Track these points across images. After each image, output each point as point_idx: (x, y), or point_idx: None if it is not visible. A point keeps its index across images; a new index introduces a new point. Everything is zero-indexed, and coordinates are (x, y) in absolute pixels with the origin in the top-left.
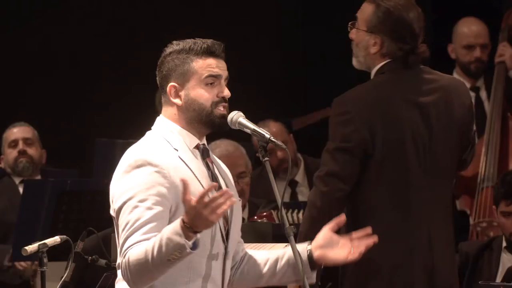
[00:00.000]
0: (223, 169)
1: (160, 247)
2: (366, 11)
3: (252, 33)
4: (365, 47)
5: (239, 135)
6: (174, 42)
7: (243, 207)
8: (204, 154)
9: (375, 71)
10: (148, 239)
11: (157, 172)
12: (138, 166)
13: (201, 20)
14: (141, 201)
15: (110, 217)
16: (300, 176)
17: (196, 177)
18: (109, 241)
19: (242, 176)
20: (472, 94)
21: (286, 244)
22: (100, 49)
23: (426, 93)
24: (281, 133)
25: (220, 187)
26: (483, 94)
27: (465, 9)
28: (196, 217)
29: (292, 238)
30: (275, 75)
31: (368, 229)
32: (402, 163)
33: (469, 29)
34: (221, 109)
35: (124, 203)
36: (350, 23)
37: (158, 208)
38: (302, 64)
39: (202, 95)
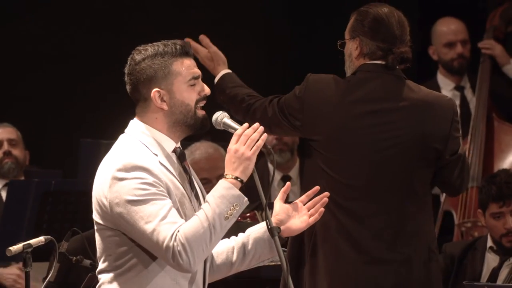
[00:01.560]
0: (194, 173)
1: (214, 210)
2: (349, 22)
3: (237, 35)
4: (349, 54)
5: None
6: (140, 47)
7: None
8: (181, 157)
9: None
10: (179, 223)
11: (150, 175)
12: (128, 170)
13: (189, 20)
14: (149, 195)
15: None
16: (294, 172)
17: (179, 181)
18: (94, 241)
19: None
20: (457, 93)
21: None
22: (84, 49)
23: (388, 104)
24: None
25: (196, 194)
26: (468, 93)
27: (450, 9)
28: (235, 159)
29: (277, 238)
30: (261, 77)
31: (316, 188)
32: (331, 172)
33: (447, 27)
34: (202, 111)
35: (130, 201)
36: (338, 42)
37: (168, 199)
38: (287, 68)
39: (188, 96)
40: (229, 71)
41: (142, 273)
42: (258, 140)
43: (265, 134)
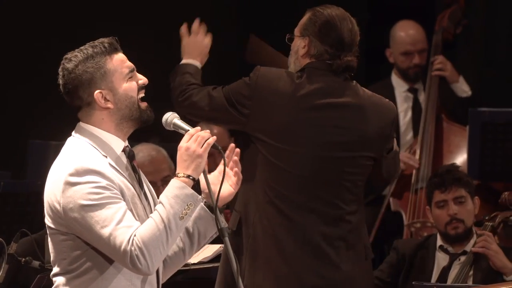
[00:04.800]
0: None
1: (168, 211)
2: (302, 19)
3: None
4: (296, 51)
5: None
6: (68, 55)
7: None
8: (130, 156)
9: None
10: (135, 226)
11: (103, 178)
12: (80, 175)
13: (135, 19)
14: (103, 198)
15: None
16: None
17: (129, 181)
18: (43, 243)
19: (167, 179)
20: (410, 95)
21: (220, 245)
22: (33, 50)
23: (337, 100)
24: (222, 138)
25: (145, 193)
26: (421, 95)
27: (399, 10)
28: (186, 157)
29: (227, 239)
30: (212, 78)
31: (232, 145)
32: (277, 162)
33: (406, 34)
34: (144, 102)
35: (84, 206)
36: (287, 36)
37: (122, 202)
38: (237, 68)
39: (129, 88)
40: (200, 65)
41: (97, 275)
42: (209, 138)
43: (215, 137)
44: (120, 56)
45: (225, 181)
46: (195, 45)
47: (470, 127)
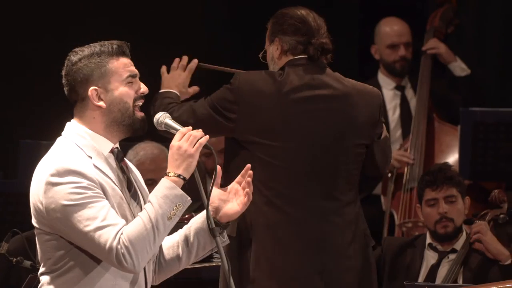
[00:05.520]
0: (135, 173)
1: (157, 210)
2: (267, 30)
3: (174, 44)
4: (271, 58)
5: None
6: (77, 49)
7: None
8: (119, 158)
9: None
10: (121, 223)
11: (84, 178)
12: (61, 175)
13: (128, 20)
14: (85, 198)
15: None
16: None
17: (114, 183)
18: (35, 242)
19: None
20: (398, 93)
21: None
22: (24, 50)
23: (323, 91)
24: (219, 139)
25: (135, 192)
26: (408, 92)
27: (391, 9)
28: (178, 156)
29: (218, 239)
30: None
31: (248, 166)
32: (272, 160)
33: (391, 28)
34: (141, 113)
35: (66, 206)
36: (260, 56)
37: (105, 200)
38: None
39: (126, 93)
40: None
41: (81, 275)
42: (201, 138)
43: (207, 136)
44: (125, 60)
45: (234, 199)
46: (173, 79)
47: (462, 127)
